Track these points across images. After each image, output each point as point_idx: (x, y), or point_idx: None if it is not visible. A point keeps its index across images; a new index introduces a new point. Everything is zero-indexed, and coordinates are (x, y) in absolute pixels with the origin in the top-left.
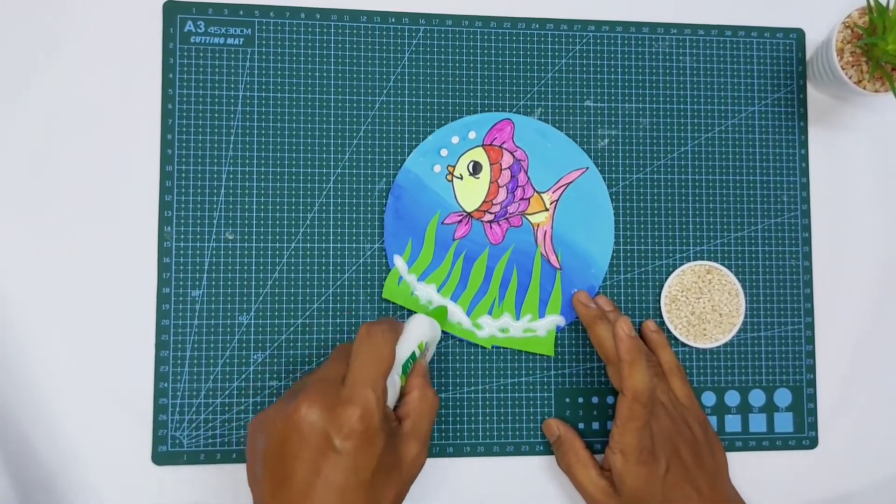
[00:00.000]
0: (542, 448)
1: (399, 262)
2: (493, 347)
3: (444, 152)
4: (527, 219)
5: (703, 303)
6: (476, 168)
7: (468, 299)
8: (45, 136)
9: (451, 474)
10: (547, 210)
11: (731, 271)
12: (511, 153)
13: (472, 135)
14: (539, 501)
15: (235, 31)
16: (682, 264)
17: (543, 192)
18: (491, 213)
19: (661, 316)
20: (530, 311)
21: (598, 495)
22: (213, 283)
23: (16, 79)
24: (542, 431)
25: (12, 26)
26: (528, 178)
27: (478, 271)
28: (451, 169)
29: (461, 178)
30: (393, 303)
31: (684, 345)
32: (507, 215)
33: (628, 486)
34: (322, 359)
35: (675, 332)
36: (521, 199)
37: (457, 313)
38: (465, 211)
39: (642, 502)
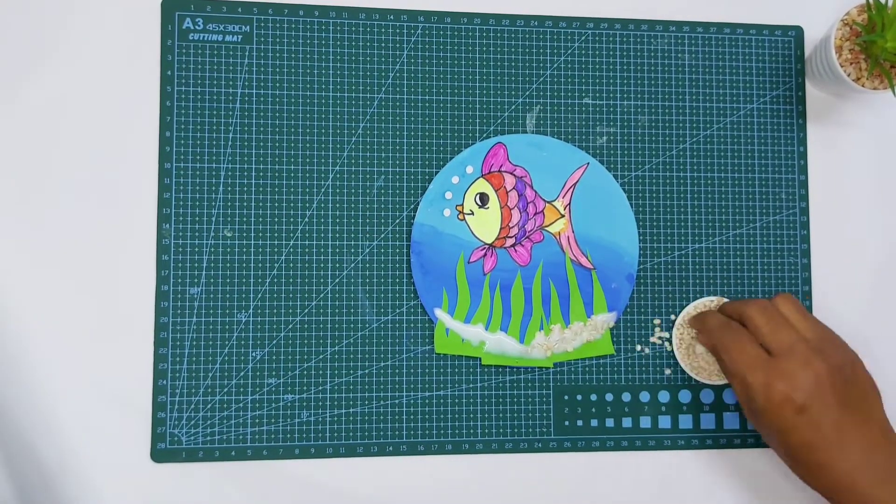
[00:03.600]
0: (540, 445)
1: (440, 314)
2: (555, 365)
3: (448, 195)
4: (546, 231)
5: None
6: (483, 199)
7: (517, 326)
8: (43, 134)
9: (450, 472)
10: (563, 216)
11: (730, 269)
12: (511, 174)
13: (469, 169)
14: (539, 500)
15: (234, 28)
16: (679, 260)
17: (554, 201)
18: (511, 237)
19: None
20: (578, 318)
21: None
22: (212, 280)
23: (14, 76)
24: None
25: (10, 23)
26: (536, 192)
27: (517, 297)
28: (459, 208)
29: (472, 214)
30: (451, 355)
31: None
32: (527, 234)
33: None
34: (322, 356)
35: (689, 371)
36: (535, 213)
37: (509, 345)
38: (486, 243)
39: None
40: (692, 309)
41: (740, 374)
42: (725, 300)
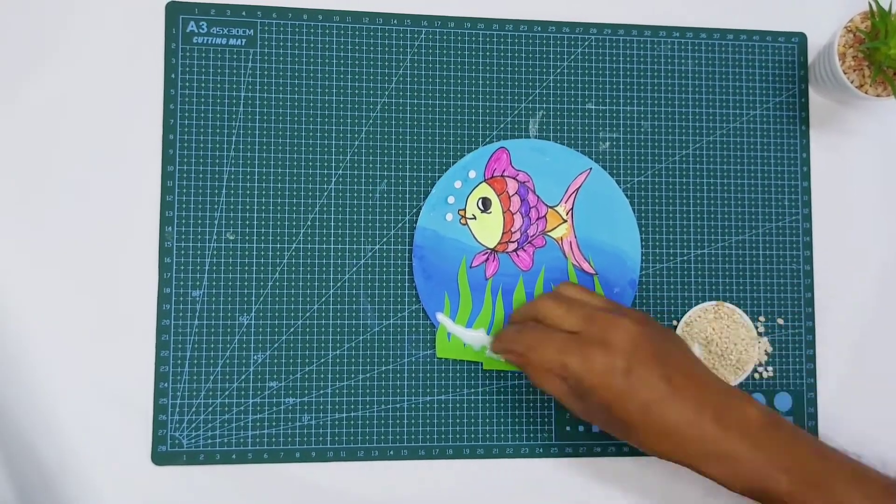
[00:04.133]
0: (541, 450)
1: (442, 318)
2: None
3: (451, 199)
4: (548, 236)
5: (723, 345)
6: (486, 204)
7: None
8: (46, 136)
9: (449, 477)
10: (565, 221)
11: (732, 275)
12: (514, 178)
13: (472, 174)
14: (539, 503)
15: (238, 31)
16: (681, 266)
17: (556, 206)
18: (513, 242)
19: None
20: None
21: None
22: (214, 283)
23: (18, 78)
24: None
25: (14, 25)
26: (538, 197)
27: (519, 301)
28: (462, 213)
29: (475, 218)
30: (452, 359)
31: None
32: (529, 239)
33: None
34: (323, 359)
35: None
36: (538, 218)
37: None
38: (488, 248)
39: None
40: (694, 314)
41: (557, 363)
42: (726, 305)
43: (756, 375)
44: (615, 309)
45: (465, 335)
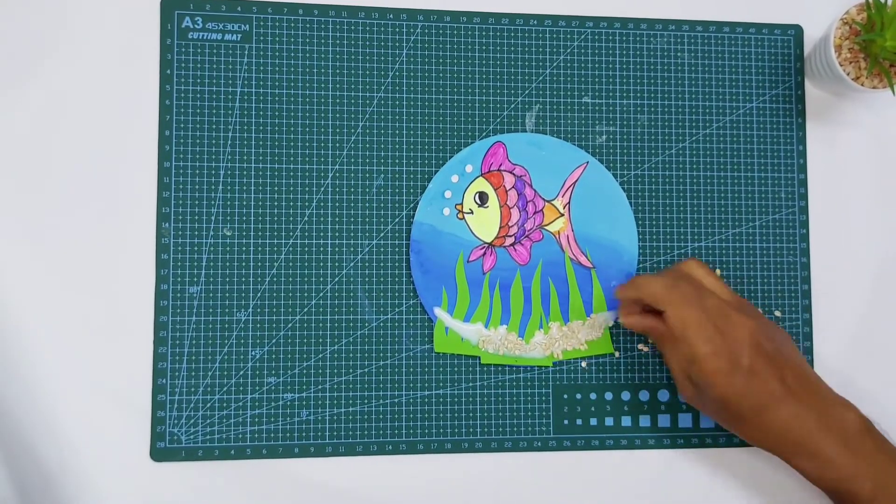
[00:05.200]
0: (539, 444)
1: (439, 312)
2: (554, 364)
3: (447, 194)
4: (546, 230)
5: None
6: (483, 198)
7: (516, 324)
8: (42, 133)
9: (449, 471)
10: (562, 215)
11: (729, 268)
12: (511, 172)
13: (468, 168)
14: (539, 499)
15: (233, 26)
16: (679, 259)
17: (553, 200)
18: (510, 237)
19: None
20: (578, 316)
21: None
22: (211, 279)
23: (13, 75)
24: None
25: (9, 22)
26: (535, 191)
27: (516, 295)
28: (459, 207)
29: (471, 213)
30: (449, 353)
31: None
32: (526, 233)
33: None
34: (322, 355)
35: None
36: (535, 212)
37: (506, 340)
38: (485, 242)
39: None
40: None
41: (690, 340)
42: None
43: None
44: (740, 306)
45: (463, 329)
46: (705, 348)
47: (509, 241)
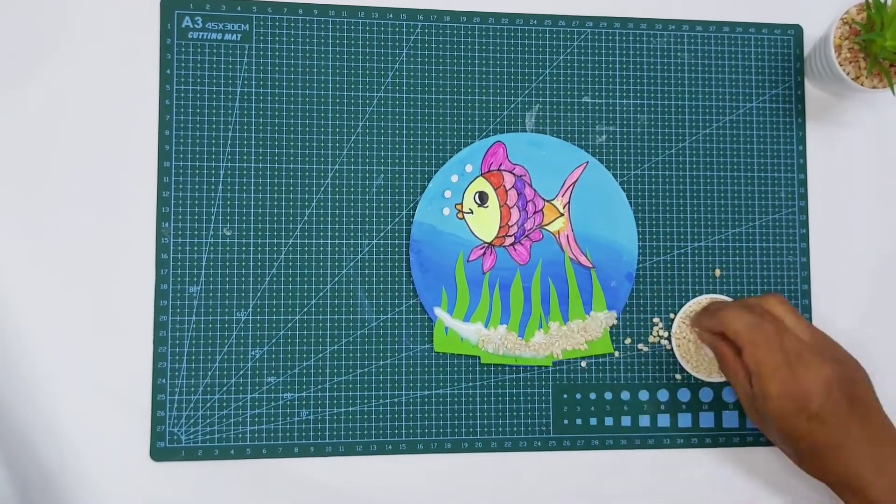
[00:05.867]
0: (539, 444)
1: (439, 312)
2: (554, 364)
3: (447, 193)
4: (545, 230)
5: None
6: (482, 198)
7: (516, 324)
8: (42, 133)
9: (449, 471)
10: (562, 215)
11: (729, 268)
12: (511, 172)
13: (468, 168)
14: (539, 498)
15: (233, 26)
16: (678, 259)
17: (553, 199)
18: (510, 236)
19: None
20: (577, 316)
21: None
22: (211, 279)
23: (14, 75)
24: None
25: (9, 22)
26: (535, 191)
27: (516, 295)
28: (459, 207)
29: (471, 213)
30: (450, 353)
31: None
32: (526, 233)
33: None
34: (321, 354)
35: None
36: (534, 212)
37: (506, 340)
38: (485, 242)
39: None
40: (693, 305)
41: (763, 379)
42: (727, 298)
43: None
44: (818, 345)
45: (463, 329)
46: (776, 389)
47: (509, 240)
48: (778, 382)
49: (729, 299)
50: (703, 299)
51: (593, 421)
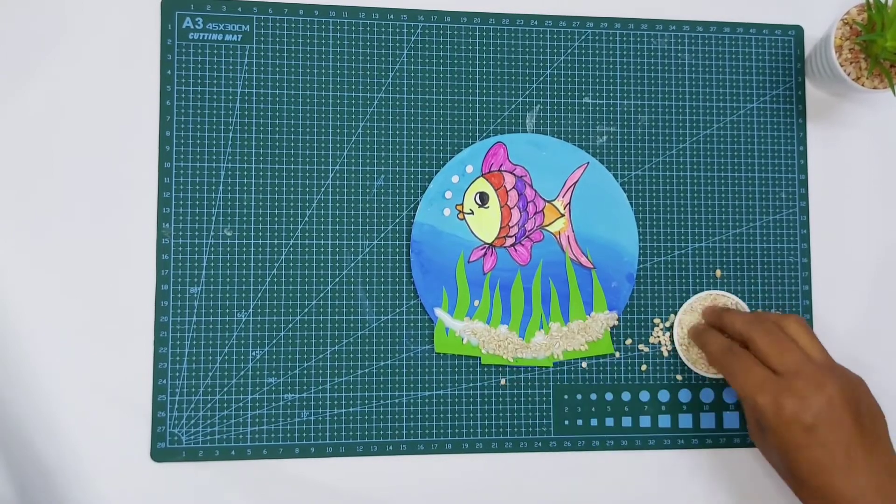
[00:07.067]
0: (540, 445)
1: (440, 313)
2: (554, 364)
3: (448, 194)
4: (546, 230)
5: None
6: (483, 198)
7: (517, 325)
8: (43, 133)
9: (450, 472)
10: (563, 216)
11: (729, 268)
12: (511, 173)
13: (469, 169)
14: (539, 499)
15: (234, 27)
16: (679, 260)
17: (554, 200)
18: (511, 237)
19: (672, 342)
20: (578, 317)
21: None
22: (212, 279)
23: (14, 75)
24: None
25: (9, 22)
26: (535, 191)
27: (517, 296)
28: (459, 208)
29: (472, 213)
30: (451, 354)
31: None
32: (527, 233)
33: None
34: (322, 355)
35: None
36: (535, 213)
37: (506, 340)
38: (485, 243)
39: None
40: (694, 301)
41: (749, 396)
42: (727, 295)
43: None
44: (829, 368)
45: (463, 329)
46: (768, 397)
47: (510, 241)
48: (768, 394)
49: (734, 297)
50: (707, 294)
51: (594, 422)
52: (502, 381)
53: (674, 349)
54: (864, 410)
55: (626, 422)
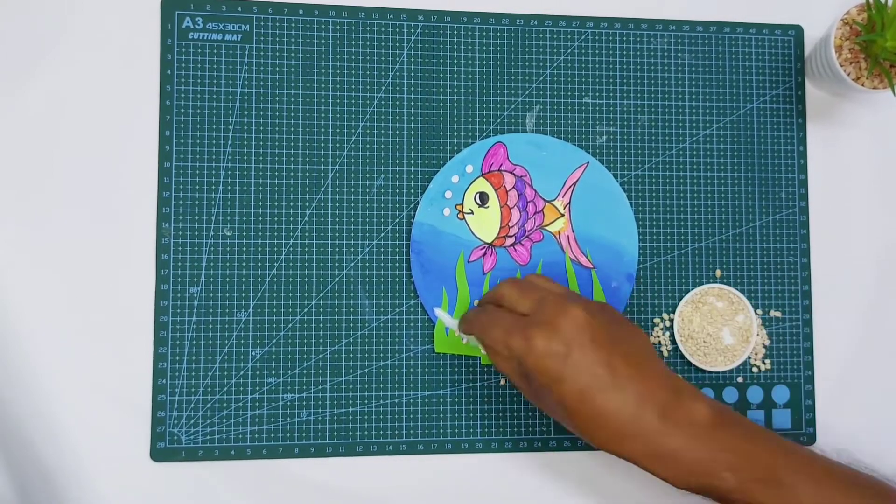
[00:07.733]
0: (539, 444)
1: (440, 313)
2: None
3: (448, 194)
4: (546, 230)
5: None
6: (483, 198)
7: None
8: (43, 133)
9: (449, 471)
10: (562, 216)
11: (729, 268)
12: (511, 173)
13: (469, 168)
14: (539, 499)
15: (233, 27)
16: (679, 260)
17: (554, 200)
18: (511, 237)
19: (671, 327)
20: None
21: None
22: (212, 279)
23: (14, 75)
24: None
25: (9, 22)
26: (535, 191)
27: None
28: (459, 207)
29: (472, 213)
30: (450, 354)
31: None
32: (527, 233)
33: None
34: (322, 355)
35: (691, 358)
36: (535, 213)
37: None
38: (485, 243)
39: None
40: (696, 294)
41: (502, 343)
42: (728, 288)
43: (754, 369)
44: (571, 297)
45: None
46: (518, 338)
47: (510, 241)
48: (518, 335)
49: (736, 291)
50: (708, 288)
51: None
52: (502, 381)
53: (674, 349)
54: (616, 325)
55: None
